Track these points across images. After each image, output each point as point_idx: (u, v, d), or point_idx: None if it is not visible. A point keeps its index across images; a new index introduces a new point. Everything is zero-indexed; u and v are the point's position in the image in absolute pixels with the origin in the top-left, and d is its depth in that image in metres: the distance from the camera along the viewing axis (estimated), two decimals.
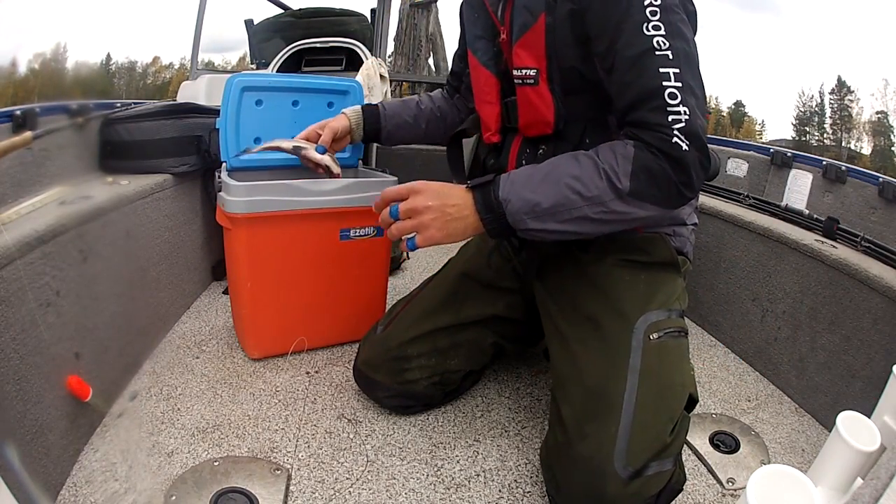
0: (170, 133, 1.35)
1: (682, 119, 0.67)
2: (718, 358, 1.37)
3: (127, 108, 1.37)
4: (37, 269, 0.79)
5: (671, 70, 0.68)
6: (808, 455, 1.01)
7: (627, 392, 0.73)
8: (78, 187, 1.07)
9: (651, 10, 0.68)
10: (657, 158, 0.68)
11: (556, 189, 0.70)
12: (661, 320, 0.81)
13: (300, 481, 0.85)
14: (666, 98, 0.67)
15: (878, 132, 29.85)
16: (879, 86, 32.04)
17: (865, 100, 30.62)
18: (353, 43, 2.10)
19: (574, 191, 0.69)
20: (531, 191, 0.71)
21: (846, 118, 29.99)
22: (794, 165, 1.67)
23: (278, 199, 1.07)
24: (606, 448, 0.69)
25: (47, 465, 0.77)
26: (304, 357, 1.21)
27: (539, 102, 0.83)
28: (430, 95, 1.20)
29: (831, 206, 1.52)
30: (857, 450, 0.50)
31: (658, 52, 0.68)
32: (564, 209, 0.70)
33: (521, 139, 0.92)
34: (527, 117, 0.87)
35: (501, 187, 0.73)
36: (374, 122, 1.11)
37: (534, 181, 0.72)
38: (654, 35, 0.68)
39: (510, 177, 0.74)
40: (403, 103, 1.17)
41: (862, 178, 1.50)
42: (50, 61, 8.32)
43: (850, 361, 1.05)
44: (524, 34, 0.81)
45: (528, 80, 0.83)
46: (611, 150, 0.70)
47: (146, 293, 1.19)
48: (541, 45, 0.79)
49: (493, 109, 0.94)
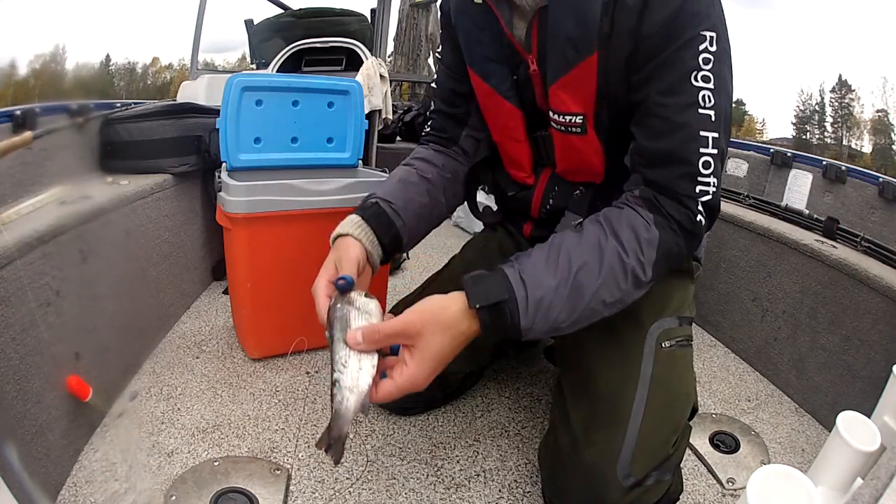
0: (170, 133, 1.35)
1: (709, 192, 0.64)
2: (718, 358, 1.37)
3: (127, 108, 1.37)
4: (37, 269, 0.79)
5: (711, 134, 0.62)
6: (808, 455, 1.01)
7: (637, 401, 0.72)
8: (78, 187, 1.07)
9: (705, 56, 0.61)
10: (677, 237, 0.64)
11: (581, 304, 0.62)
12: (672, 328, 0.79)
13: (300, 481, 0.85)
14: (700, 167, 0.63)
15: (879, 130, 29.83)
16: (879, 84, 32.03)
17: (866, 98, 30.62)
18: (353, 43, 2.09)
19: (599, 300, 0.62)
20: (556, 311, 0.61)
21: (847, 116, 29.97)
22: (794, 165, 1.67)
23: (278, 199, 1.07)
24: (611, 456, 0.68)
25: (47, 465, 0.77)
26: (304, 357, 1.21)
27: (588, 151, 0.74)
28: (424, 158, 0.89)
29: (831, 206, 1.52)
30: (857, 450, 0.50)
31: (702, 109, 0.62)
32: (585, 319, 0.63)
33: (551, 173, 0.83)
34: (569, 163, 0.79)
35: (524, 313, 0.59)
36: (387, 226, 0.78)
37: (560, 297, 0.60)
38: (702, 88, 0.62)
39: (532, 293, 0.60)
40: (402, 183, 0.84)
41: (862, 178, 1.50)
42: (50, 62, 8.30)
43: (850, 361, 1.05)
44: (567, 73, 0.68)
45: (572, 129, 0.72)
46: (633, 233, 0.63)
47: (146, 293, 1.19)
48: (591, 88, 0.68)
49: (523, 148, 0.83)
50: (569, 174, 0.81)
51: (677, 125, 0.63)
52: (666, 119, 0.63)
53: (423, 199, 0.84)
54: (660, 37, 0.62)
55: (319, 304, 0.65)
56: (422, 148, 0.93)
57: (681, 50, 0.62)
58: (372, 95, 1.85)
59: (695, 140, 0.62)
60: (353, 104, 1.26)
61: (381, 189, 0.82)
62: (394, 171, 0.90)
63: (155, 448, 0.90)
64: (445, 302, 0.60)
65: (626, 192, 0.69)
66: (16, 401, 0.71)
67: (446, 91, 0.91)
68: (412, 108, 2.98)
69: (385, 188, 0.82)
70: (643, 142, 0.66)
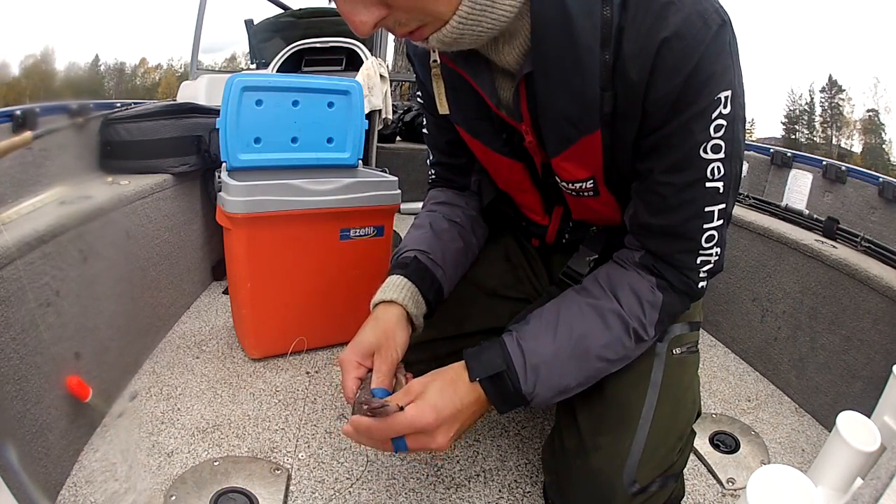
0: (170, 133, 1.35)
1: (711, 261, 0.63)
2: (718, 358, 1.37)
3: (127, 108, 1.37)
4: (37, 269, 0.79)
5: (717, 207, 0.59)
6: (808, 455, 1.01)
7: (646, 407, 0.71)
8: (78, 187, 1.07)
9: (718, 123, 0.55)
10: (681, 298, 0.65)
11: (585, 365, 0.62)
12: (684, 334, 0.78)
13: (300, 481, 0.85)
14: (702, 242, 0.61)
15: (870, 130, 29.78)
16: (871, 84, 32.01)
17: (857, 98, 30.53)
18: (354, 43, 2.09)
19: (603, 359, 0.63)
20: (559, 375, 0.61)
21: (837, 116, 29.91)
22: (794, 165, 1.67)
23: (278, 199, 1.07)
24: (618, 462, 0.67)
25: (47, 465, 0.77)
26: (304, 357, 1.21)
27: (604, 209, 0.71)
28: (445, 202, 0.86)
29: (831, 206, 1.52)
30: (857, 450, 0.50)
31: (709, 183, 0.57)
32: (591, 379, 0.64)
33: (564, 210, 0.80)
34: (584, 216, 0.77)
35: (524, 379, 0.60)
36: (431, 281, 0.75)
37: (560, 360, 0.61)
38: (712, 161, 0.56)
39: (529, 359, 0.60)
40: (433, 231, 0.81)
41: (862, 178, 1.50)
42: (41, 62, 8.27)
43: (850, 361, 1.05)
44: (568, 149, 0.62)
45: (585, 193, 0.67)
46: (636, 297, 0.63)
47: (146, 293, 1.19)
48: (597, 158, 0.62)
49: (532, 196, 0.78)
50: (588, 221, 0.79)
51: (680, 202, 0.59)
52: (669, 197, 0.59)
53: (458, 243, 0.82)
54: (668, 107, 0.55)
55: (346, 381, 0.64)
56: (437, 191, 0.89)
57: (691, 121, 0.55)
58: (372, 95, 1.85)
59: (699, 217, 0.59)
60: (353, 104, 1.26)
61: (414, 240, 0.79)
62: (418, 218, 0.86)
63: (155, 448, 0.90)
64: (453, 369, 0.62)
65: (628, 250, 0.68)
66: (16, 401, 0.71)
67: (441, 143, 0.85)
68: (412, 108, 2.98)
69: (418, 239, 0.79)
70: (644, 216, 0.63)
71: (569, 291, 0.68)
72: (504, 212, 0.88)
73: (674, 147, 0.57)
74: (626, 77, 0.54)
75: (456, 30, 0.52)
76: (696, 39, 0.51)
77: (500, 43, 0.58)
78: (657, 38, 0.52)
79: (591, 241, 0.81)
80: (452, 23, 0.51)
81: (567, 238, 0.83)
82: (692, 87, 0.53)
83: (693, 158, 0.57)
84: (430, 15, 0.50)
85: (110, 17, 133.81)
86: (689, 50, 0.52)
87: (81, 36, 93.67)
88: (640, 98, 0.55)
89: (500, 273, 0.91)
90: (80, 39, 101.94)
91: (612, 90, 0.56)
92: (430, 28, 0.52)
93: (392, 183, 1.20)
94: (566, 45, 0.54)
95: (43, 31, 61.74)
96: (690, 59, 0.52)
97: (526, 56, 0.58)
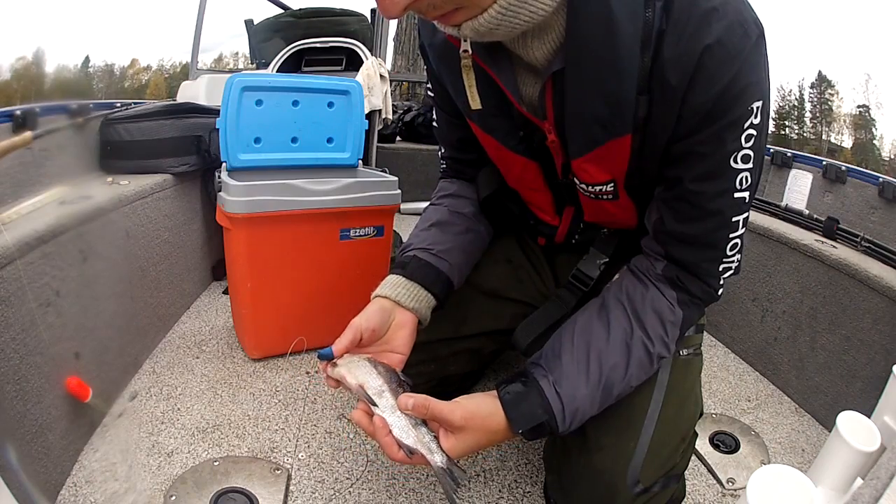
0: (170, 133, 1.35)
1: (732, 267, 0.64)
2: (718, 358, 1.37)
3: (127, 108, 1.37)
4: (37, 269, 0.79)
5: (742, 217, 0.60)
6: (808, 455, 1.01)
7: (651, 408, 0.71)
8: (78, 187, 1.07)
9: (748, 133, 0.55)
10: (699, 309, 0.67)
11: (610, 399, 0.65)
12: (690, 335, 0.77)
13: (300, 481, 0.85)
14: (727, 251, 0.62)
15: (860, 126, 29.73)
16: (861, 80, 31.95)
17: (847, 94, 30.45)
18: (353, 43, 2.09)
19: (629, 386, 0.65)
20: (590, 410, 0.64)
21: (826, 112, 29.85)
22: (794, 165, 1.67)
23: (278, 199, 1.07)
24: (622, 463, 0.67)
25: (47, 465, 0.77)
26: (304, 357, 1.21)
27: (621, 212, 0.70)
28: (453, 193, 0.86)
29: (831, 206, 1.52)
30: (857, 450, 0.50)
31: (737, 193, 0.58)
32: (611, 402, 0.66)
33: (575, 211, 0.79)
34: (599, 219, 0.76)
35: (562, 426, 0.62)
36: (435, 275, 0.75)
37: (593, 399, 0.63)
38: (741, 170, 0.57)
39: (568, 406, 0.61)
40: (438, 226, 0.81)
41: (862, 178, 1.50)
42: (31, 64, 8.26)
43: (850, 361, 1.05)
44: (593, 151, 0.61)
45: (604, 196, 0.67)
46: (659, 319, 0.64)
47: (146, 293, 1.19)
48: (622, 162, 0.61)
49: (544, 196, 0.77)
50: (601, 224, 0.79)
51: (709, 212, 0.59)
52: (698, 206, 0.59)
53: (464, 234, 0.82)
54: (702, 115, 0.54)
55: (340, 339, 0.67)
56: (447, 182, 0.89)
57: (724, 130, 0.55)
58: (372, 95, 1.85)
59: (726, 227, 0.60)
60: (353, 104, 1.26)
61: (417, 238, 0.80)
62: (425, 212, 0.86)
63: (155, 448, 0.90)
64: (493, 410, 0.61)
65: (648, 259, 0.68)
66: (16, 401, 0.71)
67: (452, 139, 0.84)
68: (412, 108, 2.98)
69: (421, 236, 0.80)
70: (671, 223, 0.63)
71: (592, 314, 0.67)
72: (507, 209, 0.87)
73: (706, 156, 0.57)
74: (665, 81, 0.53)
75: (494, 19, 0.50)
76: (736, 48, 0.51)
77: (530, 37, 0.56)
78: (700, 45, 0.51)
79: (602, 244, 0.81)
80: (491, 11, 0.49)
81: (577, 239, 0.83)
82: (729, 96, 0.53)
83: (725, 168, 0.56)
84: (470, 0, 0.49)
85: (101, 17, 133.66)
86: (729, 58, 0.51)
87: (72, 37, 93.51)
88: (678, 104, 0.54)
89: (500, 274, 0.90)
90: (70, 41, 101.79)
91: (647, 94, 0.55)
92: (464, 14, 0.50)
93: (392, 183, 1.20)
94: (607, 45, 0.53)
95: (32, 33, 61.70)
96: (731, 67, 0.51)
97: (556, 53, 0.57)
